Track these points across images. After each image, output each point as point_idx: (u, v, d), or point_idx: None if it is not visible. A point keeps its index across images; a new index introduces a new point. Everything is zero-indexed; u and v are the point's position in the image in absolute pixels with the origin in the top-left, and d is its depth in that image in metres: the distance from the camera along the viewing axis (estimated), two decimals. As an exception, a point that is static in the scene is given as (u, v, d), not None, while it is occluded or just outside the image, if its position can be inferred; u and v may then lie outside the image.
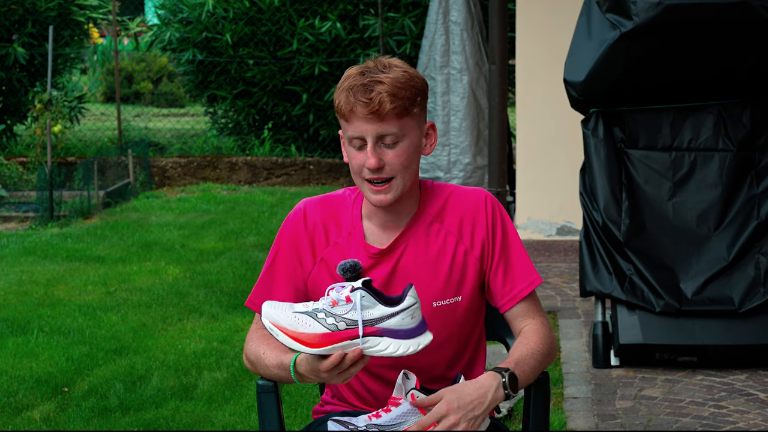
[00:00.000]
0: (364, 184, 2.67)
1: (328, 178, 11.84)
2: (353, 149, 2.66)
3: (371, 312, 2.45)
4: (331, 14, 11.92)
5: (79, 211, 9.77)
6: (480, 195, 2.77)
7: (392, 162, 2.64)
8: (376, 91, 2.58)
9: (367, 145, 2.62)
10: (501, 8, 7.29)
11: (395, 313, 2.45)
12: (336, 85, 3.01)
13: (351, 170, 2.69)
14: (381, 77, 2.60)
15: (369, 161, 2.62)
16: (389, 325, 2.45)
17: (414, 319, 2.47)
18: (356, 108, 2.60)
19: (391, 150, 2.63)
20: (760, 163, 5.51)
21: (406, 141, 2.65)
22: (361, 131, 2.62)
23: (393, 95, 2.59)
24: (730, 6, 5.23)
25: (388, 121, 2.60)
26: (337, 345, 2.43)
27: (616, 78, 5.46)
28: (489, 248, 2.74)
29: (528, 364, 2.63)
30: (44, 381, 5.35)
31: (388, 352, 2.44)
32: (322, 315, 2.44)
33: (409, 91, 2.62)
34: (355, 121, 2.62)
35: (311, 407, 3.85)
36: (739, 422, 4.65)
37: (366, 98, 2.58)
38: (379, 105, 2.58)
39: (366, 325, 2.44)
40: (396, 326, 2.45)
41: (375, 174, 2.63)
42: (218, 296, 6.90)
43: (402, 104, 2.61)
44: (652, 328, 5.28)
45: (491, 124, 7.49)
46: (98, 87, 18.11)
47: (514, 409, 4.83)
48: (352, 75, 2.63)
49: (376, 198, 2.66)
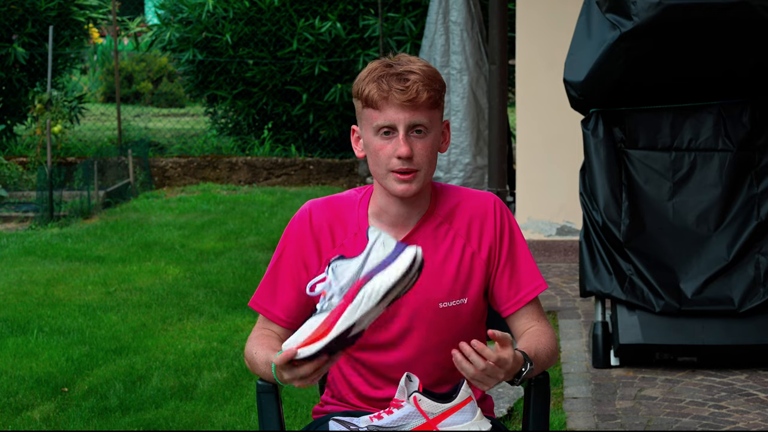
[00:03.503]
0: (389, 174, 2.65)
1: (328, 178, 11.84)
2: (379, 139, 2.65)
3: (349, 271, 2.43)
4: (331, 14, 11.92)
5: (79, 211, 9.77)
6: (489, 198, 2.78)
7: (420, 152, 2.64)
8: (412, 80, 2.60)
9: (399, 133, 2.62)
10: (501, 8, 7.29)
11: (367, 255, 2.44)
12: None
13: (372, 163, 2.67)
14: (412, 67, 2.62)
15: (401, 149, 2.61)
16: (370, 266, 2.43)
17: (387, 246, 2.44)
18: (392, 96, 2.60)
19: (421, 141, 2.64)
20: (760, 163, 5.52)
21: (433, 133, 2.66)
22: (394, 120, 2.62)
23: (428, 85, 2.61)
24: (730, 6, 5.23)
25: (421, 110, 2.62)
26: (343, 316, 2.41)
27: (616, 78, 5.46)
28: (496, 251, 2.75)
29: (539, 360, 2.65)
30: (44, 381, 5.35)
31: (384, 285, 2.40)
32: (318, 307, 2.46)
33: (438, 84, 2.65)
34: (387, 109, 2.61)
35: (311, 407, 3.85)
36: (739, 422, 4.65)
37: (403, 86, 2.59)
38: (417, 93, 2.60)
39: (352, 284, 2.42)
40: (376, 262, 2.44)
41: (404, 164, 2.63)
42: (218, 296, 6.90)
43: (435, 95, 2.63)
44: (652, 328, 5.28)
45: (491, 124, 7.49)
46: (98, 87, 18.12)
47: (514, 409, 4.83)
48: (378, 67, 2.64)
49: (401, 188, 2.65)
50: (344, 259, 2.45)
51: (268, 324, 2.80)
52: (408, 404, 2.56)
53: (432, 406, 2.57)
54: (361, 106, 2.66)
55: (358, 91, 2.66)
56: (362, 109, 2.67)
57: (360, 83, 2.65)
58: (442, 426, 2.57)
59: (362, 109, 2.67)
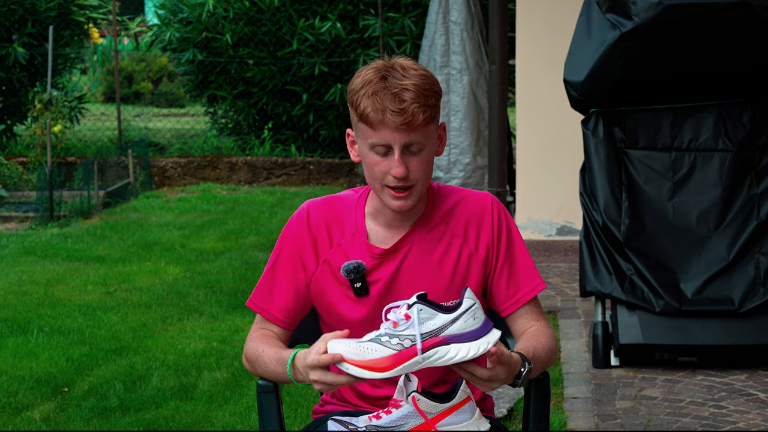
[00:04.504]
0: (385, 189, 2.64)
1: (328, 178, 11.84)
2: (375, 155, 2.62)
3: (432, 323, 2.43)
4: (331, 14, 11.92)
5: (79, 211, 9.77)
6: (486, 199, 2.77)
7: (416, 169, 2.62)
8: (408, 101, 2.55)
9: (394, 153, 2.60)
10: (501, 8, 7.29)
11: (456, 318, 2.44)
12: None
13: (368, 174, 2.65)
14: (406, 83, 2.57)
15: (396, 170, 2.59)
16: (453, 331, 2.43)
17: (477, 320, 2.46)
18: (387, 117, 2.56)
19: (416, 157, 2.62)
20: (760, 163, 5.52)
21: (429, 148, 2.64)
22: (389, 140, 2.59)
23: (423, 105, 2.57)
24: (730, 6, 5.23)
25: (417, 130, 2.59)
26: (407, 363, 2.42)
27: (616, 78, 5.46)
28: (494, 252, 2.75)
29: (538, 360, 2.65)
30: (44, 381, 5.35)
31: (458, 357, 2.42)
32: (386, 338, 2.43)
33: (434, 98, 2.61)
34: (382, 129, 2.58)
35: (311, 407, 3.85)
36: (739, 422, 4.65)
37: (398, 108, 2.55)
38: (413, 116, 2.55)
39: (430, 336, 2.42)
40: (460, 330, 2.44)
41: (400, 182, 2.62)
42: (218, 296, 6.90)
43: (431, 112, 2.60)
44: (652, 328, 5.28)
45: (491, 124, 7.49)
46: (98, 87, 18.12)
47: (514, 409, 4.83)
48: (372, 80, 2.58)
49: (397, 204, 2.65)
50: (431, 308, 2.44)
51: (266, 324, 2.80)
52: (407, 404, 2.56)
53: (430, 406, 2.57)
54: (356, 118, 2.63)
55: (353, 102, 2.62)
56: (357, 121, 2.63)
57: (355, 94, 2.61)
58: (440, 426, 2.57)
59: (357, 121, 2.63)
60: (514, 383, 2.56)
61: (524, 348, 2.63)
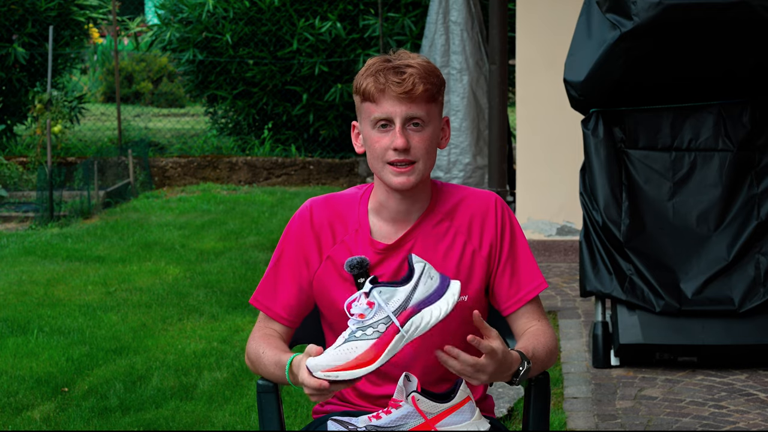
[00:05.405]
0: (386, 167, 2.67)
1: (328, 178, 11.84)
2: (376, 132, 2.67)
3: (396, 299, 2.45)
4: (331, 14, 11.92)
5: (79, 211, 9.77)
6: (490, 197, 2.79)
7: (417, 145, 2.66)
8: (408, 73, 2.63)
9: (395, 126, 2.64)
10: (501, 8, 7.29)
11: (415, 285, 2.46)
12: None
13: (370, 156, 2.70)
14: (410, 62, 2.65)
15: (397, 141, 2.63)
16: (419, 298, 2.46)
17: (434, 279, 2.48)
18: (388, 88, 2.62)
19: (418, 134, 2.66)
20: (760, 163, 5.52)
21: (431, 127, 2.68)
22: (390, 112, 2.64)
23: (424, 78, 2.63)
24: (730, 6, 5.23)
25: (417, 103, 2.64)
26: (392, 344, 2.43)
27: (616, 78, 5.46)
28: (497, 250, 2.76)
29: (538, 359, 2.65)
30: (44, 381, 5.35)
31: (434, 318, 2.45)
32: (360, 333, 2.44)
33: (437, 78, 2.67)
34: (384, 102, 2.64)
35: (311, 407, 3.85)
36: (739, 422, 4.65)
37: (399, 78, 2.62)
38: (412, 86, 2.62)
39: (401, 311, 2.44)
40: (425, 294, 2.46)
41: (401, 156, 2.65)
42: (218, 296, 6.90)
43: (432, 89, 2.65)
44: (652, 328, 5.28)
45: (491, 124, 7.49)
46: (98, 87, 18.11)
47: (514, 409, 4.83)
48: (377, 62, 2.67)
49: (398, 180, 2.67)
50: (388, 286, 2.45)
51: (269, 322, 2.80)
52: (406, 404, 2.56)
53: (430, 406, 2.57)
54: (360, 100, 2.69)
55: (357, 85, 2.69)
56: (361, 103, 2.69)
57: (359, 78, 2.68)
58: (440, 426, 2.57)
59: (361, 104, 2.69)
60: (512, 381, 2.56)
61: (524, 347, 2.63)
